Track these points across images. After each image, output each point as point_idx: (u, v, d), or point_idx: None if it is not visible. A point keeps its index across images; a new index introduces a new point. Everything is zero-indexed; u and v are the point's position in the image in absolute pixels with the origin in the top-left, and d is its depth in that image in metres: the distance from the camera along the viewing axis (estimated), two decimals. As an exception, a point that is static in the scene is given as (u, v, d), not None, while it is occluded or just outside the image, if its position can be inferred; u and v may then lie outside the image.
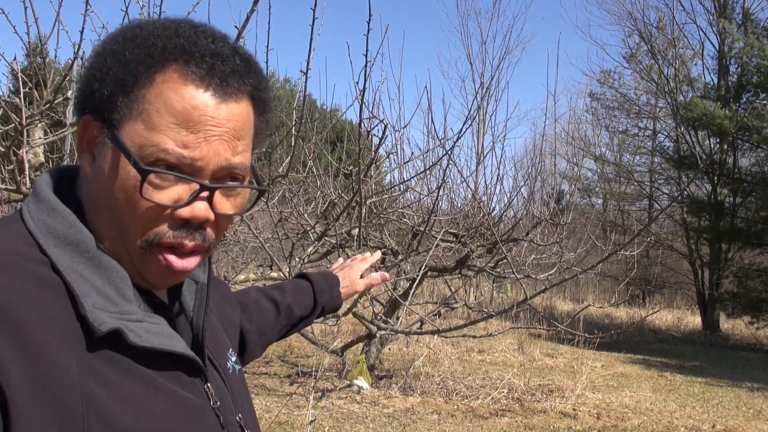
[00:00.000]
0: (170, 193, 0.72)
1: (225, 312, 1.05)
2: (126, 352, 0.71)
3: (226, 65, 0.74)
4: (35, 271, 0.69)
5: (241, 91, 0.75)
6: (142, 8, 2.49)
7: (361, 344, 7.13)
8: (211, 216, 0.75)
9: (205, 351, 0.84)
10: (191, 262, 0.76)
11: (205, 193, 0.73)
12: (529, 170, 7.53)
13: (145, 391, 0.72)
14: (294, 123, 3.84)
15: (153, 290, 0.80)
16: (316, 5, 2.25)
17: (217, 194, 0.75)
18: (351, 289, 1.49)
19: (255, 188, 0.81)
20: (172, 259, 0.75)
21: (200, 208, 0.73)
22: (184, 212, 0.73)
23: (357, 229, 3.80)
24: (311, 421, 4.91)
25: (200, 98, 0.72)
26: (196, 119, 0.72)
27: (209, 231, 0.76)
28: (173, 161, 0.71)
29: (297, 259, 3.92)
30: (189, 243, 0.75)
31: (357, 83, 2.88)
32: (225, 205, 0.77)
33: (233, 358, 0.94)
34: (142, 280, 0.77)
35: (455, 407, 6.45)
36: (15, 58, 2.47)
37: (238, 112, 0.75)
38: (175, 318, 0.83)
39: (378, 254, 1.62)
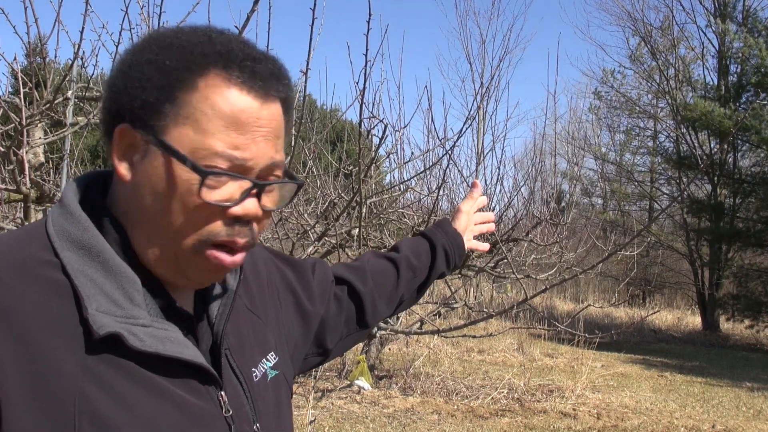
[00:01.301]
0: (222, 192, 0.75)
1: (271, 308, 1.02)
2: (130, 356, 0.72)
3: (264, 68, 0.77)
4: (45, 273, 0.72)
5: (279, 92, 0.79)
6: (142, 8, 2.49)
7: (361, 344, 7.13)
8: (260, 212, 0.78)
9: (222, 358, 0.84)
10: (239, 257, 0.79)
11: (254, 191, 0.76)
12: (529, 170, 7.53)
13: (147, 396, 0.72)
14: (294, 123, 3.83)
15: (192, 288, 0.82)
16: (315, 5, 2.25)
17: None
18: (459, 221, 1.44)
19: (296, 182, 0.84)
20: (223, 256, 0.77)
21: (251, 206, 0.77)
22: (237, 210, 0.76)
23: (357, 229, 3.80)
24: (311, 421, 4.91)
25: (246, 101, 0.75)
26: (244, 121, 0.75)
27: (255, 227, 0.79)
28: (226, 163, 0.74)
29: (297, 259, 3.91)
30: (241, 240, 0.77)
31: (357, 83, 2.89)
32: (267, 201, 0.80)
33: (269, 363, 0.93)
34: (184, 281, 0.79)
35: (455, 407, 6.45)
36: (15, 58, 2.47)
37: (276, 112, 0.79)
38: (197, 324, 0.83)
39: (477, 185, 1.50)
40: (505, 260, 5.91)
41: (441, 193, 5.37)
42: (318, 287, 1.11)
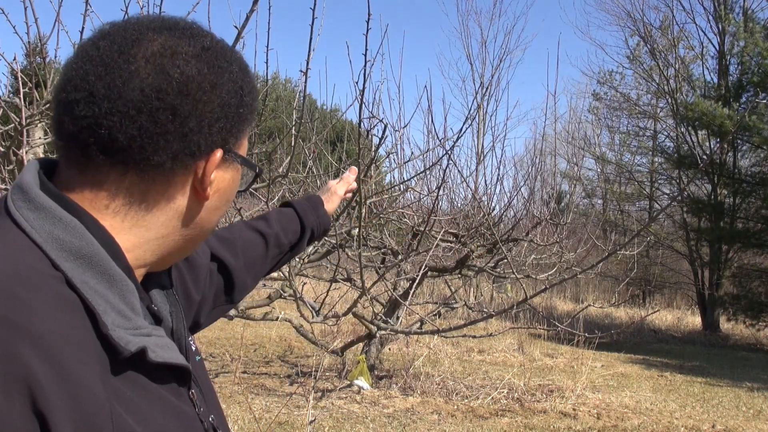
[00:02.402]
0: None
1: (185, 290, 1.03)
2: (142, 369, 0.69)
3: None
4: (53, 287, 0.65)
5: None
6: (142, 8, 2.49)
7: (361, 344, 7.13)
8: None
9: (190, 358, 0.83)
10: None
11: None
12: (529, 170, 7.53)
13: (155, 408, 0.70)
14: (294, 123, 3.84)
15: (159, 269, 0.82)
16: (315, 5, 2.25)
17: None
18: (333, 204, 1.49)
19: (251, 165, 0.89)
20: None
21: None
22: None
23: (357, 229, 3.80)
24: (311, 421, 4.92)
25: None
26: None
27: None
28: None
29: (296, 259, 3.92)
30: None
31: (356, 83, 2.89)
32: None
33: (194, 347, 0.91)
34: (160, 266, 0.80)
35: (455, 407, 6.45)
36: (15, 58, 2.47)
37: None
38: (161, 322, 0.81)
39: (353, 170, 1.59)
40: (505, 260, 5.91)
41: (441, 193, 5.37)
42: (201, 272, 1.09)
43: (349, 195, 1.57)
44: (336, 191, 1.51)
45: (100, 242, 0.70)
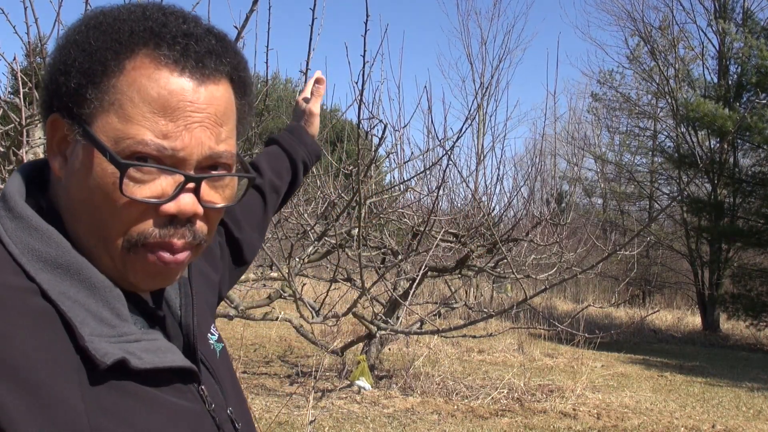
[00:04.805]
0: (153, 187, 0.66)
1: (205, 276, 0.98)
2: (129, 376, 0.67)
3: (201, 45, 0.69)
4: (26, 302, 0.63)
5: (219, 71, 0.70)
6: (141, 8, 2.49)
7: (361, 344, 7.13)
8: (200, 210, 0.69)
9: (198, 353, 0.79)
10: (182, 256, 0.70)
11: (190, 185, 0.68)
12: (529, 170, 7.53)
13: (149, 413, 0.68)
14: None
15: (140, 292, 0.75)
16: (315, 5, 2.25)
17: (204, 186, 0.70)
18: (314, 126, 1.40)
19: (243, 176, 0.74)
20: (163, 254, 0.69)
21: (187, 202, 0.68)
22: (170, 207, 0.67)
23: (357, 229, 3.80)
24: (311, 421, 4.91)
25: (176, 82, 0.67)
26: (174, 105, 0.66)
27: (199, 226, 0.70)
28: (153, 153, 0.65)
29: (296, 260, 3.92)
30: (178, 241, 0.69)
31: (356, 84, 2.88)
32: (213, 197, 0.71)
33: (215, 336, 0.89)
34: (129, 285, 0.71)
35: (455, 407, 6.45)
36: (15, 58, 2.47)
37: (219, 95, 0.70)
38: (164, 320, 0.78)
39: (318, 73, 1.44)
40: (505, 260, 5.91)
41: (441, 193, 5.37)
42: (214, 253, 1.06)
43: (314, 101, 1.40)
44: (312, 111, 1.39)
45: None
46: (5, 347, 0.59)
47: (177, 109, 0.66)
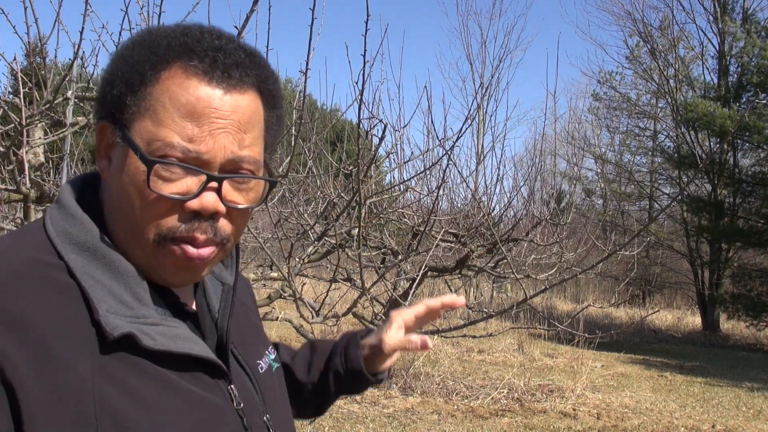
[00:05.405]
0: (179, 185, 0.73)
1: (253, 314, 1.04)
2: (144, 355, 0.72)
3: (229, 58, 0.75)
4: (52, 276, 0.71)
5: (244, 82, 0.76)
6: (142, 8, 2.50)
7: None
8: (221, 208, 0.75)
9: (229, 353, 0.84)
10: (206, 252, 0.76)
11: (213, 184, 0.74)
12: (529, 170, 7.53)
13: (163, 394, 0.72)
14: (294, 123, 3.84)
15: (172, 287, 0.80)
16: (315, 5, 2.25)
17: (228, 187, 0.76)
18: (379, 361, 1.16)
19: (264, 179, 0.80)
20: (187, 247, 0.75)
21: (209, 200, 0.74)
22: (193, 204, 0.74)
23: (357, 229, 3.80)
24: (311, 421, 4.91)
25: (204, 90, 0.73)
26: (201, 111, 0.73)
27: (222, 224, 0.77)
28: (179, 155, 0.72)
29: (296, 260, 3.92)
30: (201, 236, 0.75)
31: (356, 84, 2.88)
32: (237, 198, 0.77)
33: (272, 356, 0.95)
34: (160, 279, 0.78)
35: (455, 407, 6.45)
36: (15, 58, 2.47)
37: (244, 104, 0.76)
38: (201, 321, 0.84)
39: (459, 300, 1.10)
40: (505, 260, 5.91)
41: (441, 193, 5.37)
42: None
43: (392, 346, 1.09)
44: (385, 343, 1.10)
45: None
46: (23, 309, 0.67)
47: (203, 115, 0.73)
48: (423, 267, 4.59)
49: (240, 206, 0.77)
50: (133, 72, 0.74)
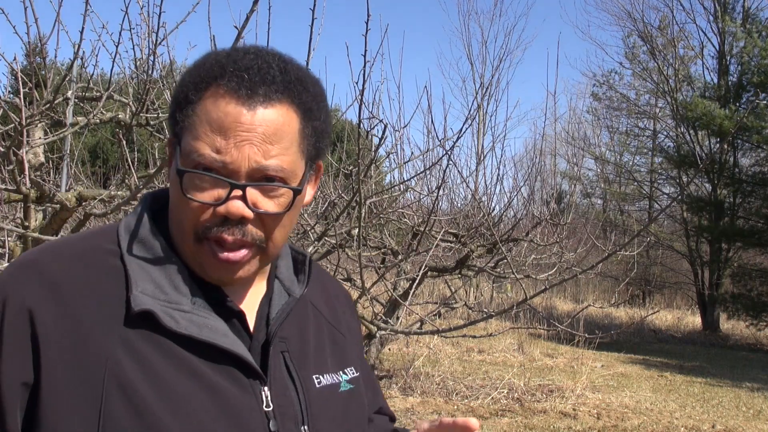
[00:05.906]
0: (212, 193, 0.82)
1: (348, 328, 1.04)
2: (170, 337, 0.79)
3: (257, 76, 0.82)
4: (104, 259, 0.83)
5: (269, 98, 0.82)
6: (142, 8, 2.50)
7: (361, 344, 7.11)
8: (247, 213, 0.82)
9: (273, 357, 0.87)
10: (238, 255, 0.84)
11: (238, 192, 0.81)
12: (529, 170, 7.52)
13: (180, 375, 0.78)
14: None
15: (220, 285, 0.87)
16: (315, 5, 2.25)
17: (257, 193, 0.82)
18: None
19: (286, 187, 0.84)
20: (217, 247, 0.83)
21: (235, 206, 0.81)
22: (221, 209, 0.81)
23: (357, 229, 3.80)
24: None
25: (231, 107, 0.81)
26: (228, 126, 0.80)
27: (251, 228, 0.83)
28: (209, 164, 0.81)
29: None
30: (228, 237, 0.82)
31: (356, 83, 2.88)
32: (266, 204, 0.83)
33: (346, 377, 0.95)
34: (207, 276, 0.86)
35: (455, 407, 6.45)
36: (15, 58, 2.47)
37: (270, 117, 0.82)
38: (257, 325, 0.89)
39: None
40: (505, 260, 5.91)
41: (441, 193, 5.36)
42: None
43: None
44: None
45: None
46: (63, 278, 0.80)
47: (229, 129, 0.80)
48: (423, 267, 4.59)
49: (270, 212, 0.83)
50: (182, 92, 0.84)
